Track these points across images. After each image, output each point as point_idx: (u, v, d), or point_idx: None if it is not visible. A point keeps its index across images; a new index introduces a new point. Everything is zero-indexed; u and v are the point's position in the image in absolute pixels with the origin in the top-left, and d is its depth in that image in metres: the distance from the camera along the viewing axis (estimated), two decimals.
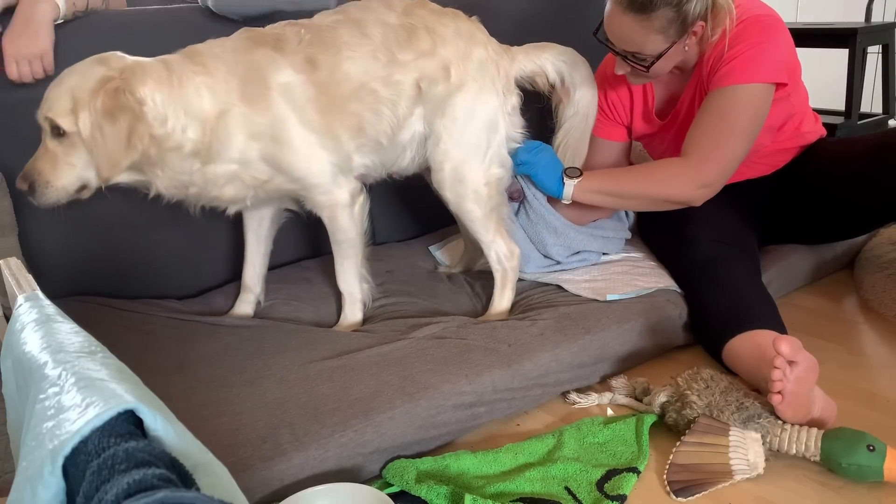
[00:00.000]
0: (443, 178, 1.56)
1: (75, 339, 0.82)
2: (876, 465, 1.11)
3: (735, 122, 1.51)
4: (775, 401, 1.17)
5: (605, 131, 1.78)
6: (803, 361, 1.17)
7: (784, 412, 1.18)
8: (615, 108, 1.76)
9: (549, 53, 1.65)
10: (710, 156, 1.53)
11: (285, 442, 1.13)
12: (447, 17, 1.55)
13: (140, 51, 1.38)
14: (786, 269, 1.76)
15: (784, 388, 1.15)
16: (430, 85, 1.51)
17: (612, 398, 1.41)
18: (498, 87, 1.57)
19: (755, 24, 1.50)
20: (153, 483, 0.59)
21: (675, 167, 1.58)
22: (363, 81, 1.47)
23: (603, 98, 1.75)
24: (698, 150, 1.53)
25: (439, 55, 1.51)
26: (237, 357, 1.41)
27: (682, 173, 1.55)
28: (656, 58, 1.51)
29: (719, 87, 1.51)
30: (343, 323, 1.61)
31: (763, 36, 1.49)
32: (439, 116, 1.53)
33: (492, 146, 1.57)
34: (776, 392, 1.16)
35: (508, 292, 1.61)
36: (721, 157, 1.53)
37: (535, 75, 1.64)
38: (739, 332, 1.40)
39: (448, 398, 1.26)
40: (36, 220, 1.57)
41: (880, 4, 3.33)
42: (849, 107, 2.80)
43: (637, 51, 1.51)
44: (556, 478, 1.16)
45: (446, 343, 1.40)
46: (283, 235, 1.75)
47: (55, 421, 0.67)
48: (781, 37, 1.51)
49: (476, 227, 1.60)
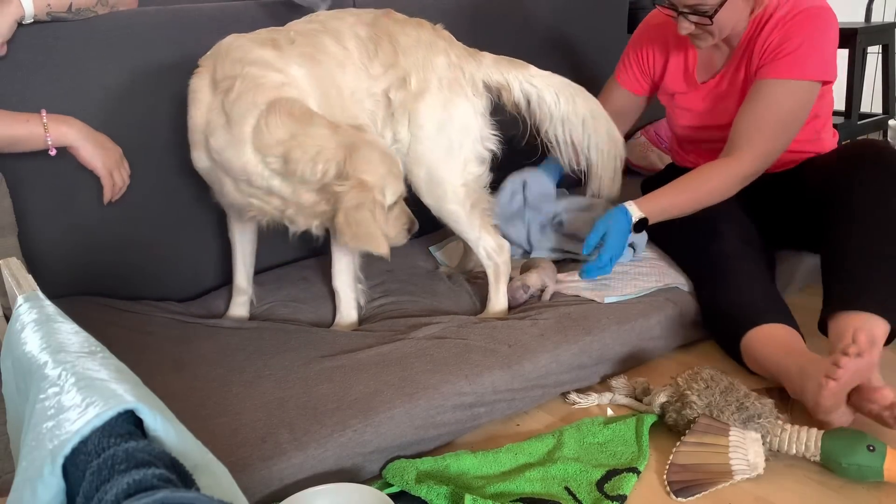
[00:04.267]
0: (420, 183, 1.57)
1: (75, 339, 0.82)
2: (876, 465, 1.11)
3: (785, 116, 1.55)
4: (830, 386, 1.16)
5: (629, 81, 1.84)
6: (868, 358, 1.17)
7: (828, 399, 1.18)
8: (646, 61, 1.80)
9: (520, 72, 1.63)
10: (759, 148, 1.56)
11: (285, 442, 1.13)
12: (409, 27, 1.56)
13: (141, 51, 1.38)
14: (786, 269, 1.76)
15: (842, 378, 1.16)
16: (396, 94, 1.53)
17: (612, 398, 1.41)
18: (466, 91, 1.57)
19: (814, 18, 1.52)
20: (153, 483, 0.59)
21: (718, 173, 1.59)
22: (353, 90, 1.50)
23: (638, 51, 1.80)
24: (748, 142, 1.56)
25: (401, 65, 1.53)
26: (237, 357, 1.41)
27: (730, 175, 1.58)
28: (719, 5, 1.50)
29: (772, 77, 1.54)
30: (340, 323, 1.61)
31: (820, 31, 1.52)
32: (407, 125, 1.55)
33: (465, 146, 1.57)
34: (836, 378, 1.16)
35: (503, 287, 1.62)
36: (767, 149, 1.57)
37: (501, 88, 1.63)
38: (764, 323, 1.42)
39: (448, 398, 1.26)
40: (36, 220, 1.57)
41: (880, 4, 3.33)
42: (849, 107, 2.80)
43: (699, 2, 1.51)
44: (556, 478, 1.16)
45: (446, 343, 1.40)
46: (281, 235, 1.75)
47: (55, 421, 0.67)
48: (834, 33, 1.55)
49: (461, 227, 1.61)
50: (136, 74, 1.64)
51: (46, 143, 1.38)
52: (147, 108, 1.67)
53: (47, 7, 1.48)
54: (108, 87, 1.61)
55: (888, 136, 3.10)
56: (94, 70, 1.60)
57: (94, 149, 1.44)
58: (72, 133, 1.41)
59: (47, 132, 1.38)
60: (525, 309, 1.58)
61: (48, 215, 1.59)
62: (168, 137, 1.70)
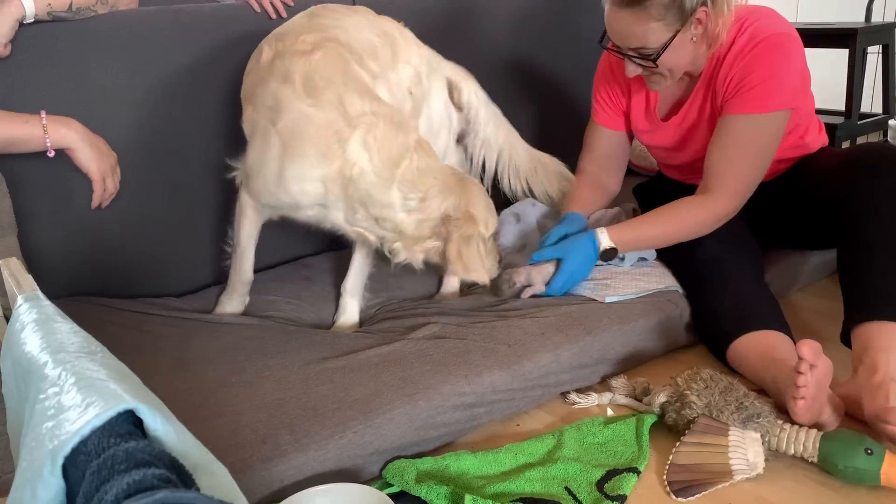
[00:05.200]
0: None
1: (75, 340, 0.82)
2: (873, 468, 1.11)
3: (756, 150, 1.52)
4: (799, 406, 1.16)
5: (605, 118, 1.79)
6: (822, 365, 1.17)
7: (802, 416, 1.18)
8: (614, 96, 1.76)
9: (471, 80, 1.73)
10: (734, 187, 1.54)
11: (285, 443, 1.13)
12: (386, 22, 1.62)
13: (141, 51, 1.38)
14: (786, 269, 1.76)
15: (808, 394, 1.16)
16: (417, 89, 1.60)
17: (612, 398, 1.41)
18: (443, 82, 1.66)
19: (774, 48, 1.48)
20: (153, 483, 0.59)
21: (695, 211, 1.57)
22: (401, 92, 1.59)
23: (604, 87, 1.77)
24: (721, 183, 1.54)
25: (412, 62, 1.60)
26: (237, 357, 1.41)
27: (708, 215, 1.56)
28: (662, 48, 1.48)
29: (739, 113, 1.51)
30: (343, 324, 1.61)
31: (782, 61, 1.48)
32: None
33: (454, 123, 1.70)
34: (800, 398, 1.16)
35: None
36: (743, 187, 1.54)
37: (454, 87, 1.70)
38: (746, 332, 1.41)
39: (447, 399, 1.26)
40: (36, 220, 1.57)
41: (880, 4, 3.33)
42: (849, 107, 2.80)
43: (641, 45, 1.49)
44: (556, 478, 1.16)
45: (446, 343, 1.40)
46: (283, 233, 1.75)
47: (55, 421, 0.67)
48: (797, 55, 1.51)
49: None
50: (135, 74, 1.64)
51: (45, 144, 1.38)
52: (147, 108, 1.67)
53: (48, 6, 1.49)
54: (107, 87, 1.62)
55: (888, 136, 3.10)
56: (94, 70, 1.60)
57: (91, 152, 1.44)
58: (71, 135, 1.41)
59: (46, 134, 1.37)
60: (525, 309, 1.58)
61: (48, 215, 1.59)
62: (167, 137, 1.70)
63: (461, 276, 1.44)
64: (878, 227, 1.38)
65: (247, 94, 1.53)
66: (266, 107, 1.41)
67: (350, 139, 1.35)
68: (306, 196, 1.42)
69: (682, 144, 1.69)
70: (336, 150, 1.35)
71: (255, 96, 1.46)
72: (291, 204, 1.46)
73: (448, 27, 2.09)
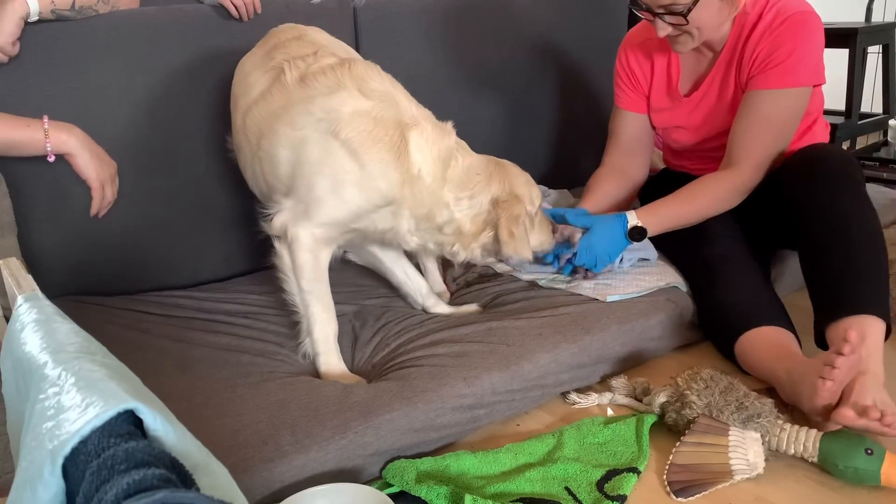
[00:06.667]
0: None
1: (75, 339, 0.82)
2: (873, 468, 1.11)
3: (781, 125, 1.56)
4: (826, 386, 1.16)
5: (627, 103, 1.81)
6: (857, 356, 1.18)
7: (825, 398, 1.18)
8: (635, 77, 1.77)
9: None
10: (758, 159, 1.57)
11: (286, 444, 1.13)
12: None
13: (141, 51, 1.38)
14: (786, 269, 1.76)
15: (837, 377, 1.16)
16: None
17: (612, 398, 1.41)
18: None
19: (801, 24, 1.52)
20: (153, 483, 0.59)
21: (719, 183, 1.60)
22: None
23: (625, 70, 1.78)
24: (746, 156, 1.57)
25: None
26: (240, 359, 1.41)
27: (732, 187, 1.59)
28: (692, 3, 1.47)
29: (765, 88, 1.54)
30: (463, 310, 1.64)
31: (808, 37, 1.52)
32: None
33: None
34: (830, 378, 1.16)
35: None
36: (766, 158, 1.58)
37: None
38: (756, 326, 1.42)
39: (447, 401, 1.26)
40: (36, 220, 1.57)
41: (880, 4, 3.34)
42: (849, 107, 2.80)
43: (672, 2, 1.48)
44: (556, 478, 1.16)
45: (444, 345, 1.40)
46: None
47: (55, 421, 0.67)
48: (820, 36, 1.55)
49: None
50: (135, 74, 1.65)
51: (45, 149, 1.38)
52: (146, 107, 1.67)
53: (51, 4, 1.49)
54: (107, 87, 1.62)
55: (888, 135, 3.11)
56: (94, 70, 1.60)
57: (91, 159, 1.43)
58: (71, 141, 1.41)
59: (47, 138, 1.37)
60: (525, 308, 1.58)
61: (48, 215, 1.59)
62: (167, 136, 1.70)
63: (512, 255, 1.44)
64: (828, 227, 1.40)
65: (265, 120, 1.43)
66: (316, 120, 1.35)
67: (410, 139, 1.37)
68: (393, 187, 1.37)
69: (700, 121, 1.71)
70: (403, 148, 1.37)
71: (290, 116, 1.38)
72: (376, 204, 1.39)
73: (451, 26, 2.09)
